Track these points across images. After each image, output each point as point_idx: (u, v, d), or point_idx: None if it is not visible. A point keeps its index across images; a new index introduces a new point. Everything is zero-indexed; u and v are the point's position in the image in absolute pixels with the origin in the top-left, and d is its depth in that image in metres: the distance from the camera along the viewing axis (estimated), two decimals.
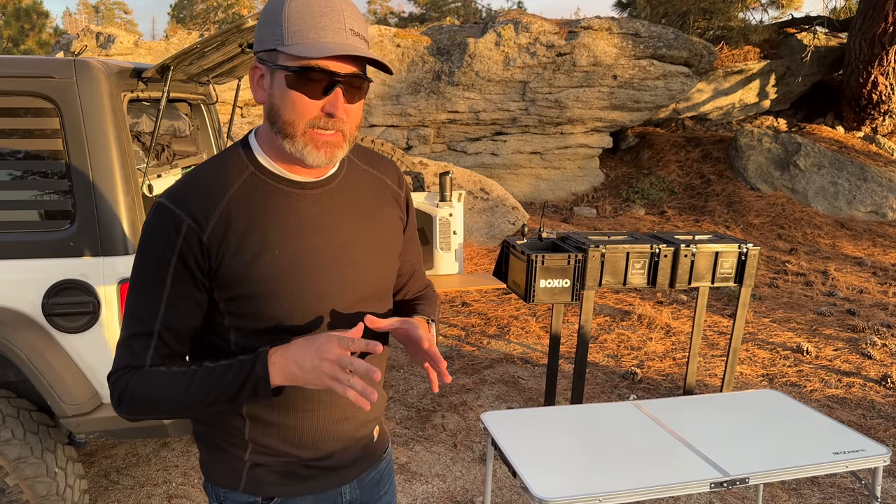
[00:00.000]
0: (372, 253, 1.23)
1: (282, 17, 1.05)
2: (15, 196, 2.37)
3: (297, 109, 1.07)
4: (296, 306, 1.14)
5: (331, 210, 1.18)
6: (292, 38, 1.04)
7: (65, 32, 25.94)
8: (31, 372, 2.29)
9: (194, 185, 1.11)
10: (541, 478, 1.94)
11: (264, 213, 1.13)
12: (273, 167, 1.15)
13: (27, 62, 2.34)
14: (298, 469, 1.24)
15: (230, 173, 1.13)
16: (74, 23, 50.07)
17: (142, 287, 1.11)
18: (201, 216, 1.09)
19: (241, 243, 1.11)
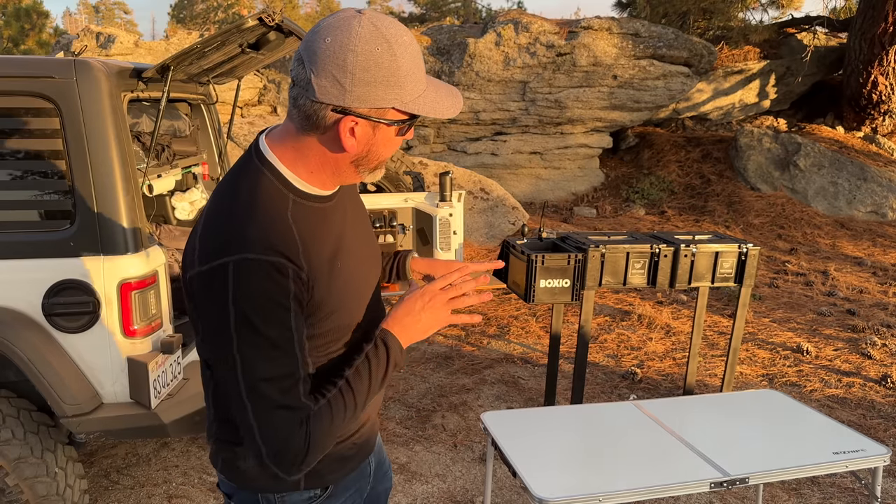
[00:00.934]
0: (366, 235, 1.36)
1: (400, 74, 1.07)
2: (15, 196, 2.37)
3: (394, 148, 1.17)
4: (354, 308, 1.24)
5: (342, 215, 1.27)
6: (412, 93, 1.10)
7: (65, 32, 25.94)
8: (32, 372, 2.29)
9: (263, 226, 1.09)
10: (541, 478, 1.94)
11: (315, 233, 1.17)
12: (307, 188, 1.18)
13: (27, 62, 2.34)
14: (346, 451, 1.32)
15: (279, 204, 1.13)
16: (74, 23, 50.08)
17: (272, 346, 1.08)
18: (294, 256, 1.10)
19: (319, 268, 1.15)
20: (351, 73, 1.05)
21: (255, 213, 1.10)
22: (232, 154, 7.48)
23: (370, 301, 1.30)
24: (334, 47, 1.05)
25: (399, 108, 1.10)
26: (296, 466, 1.11)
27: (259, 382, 1.08)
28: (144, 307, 2.43)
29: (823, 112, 12.12)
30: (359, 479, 1.41)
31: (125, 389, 2.45)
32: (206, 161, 3.72)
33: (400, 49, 1.06)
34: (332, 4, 41.47)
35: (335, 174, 1.18)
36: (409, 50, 1.08)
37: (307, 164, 1.16)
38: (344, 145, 1.11)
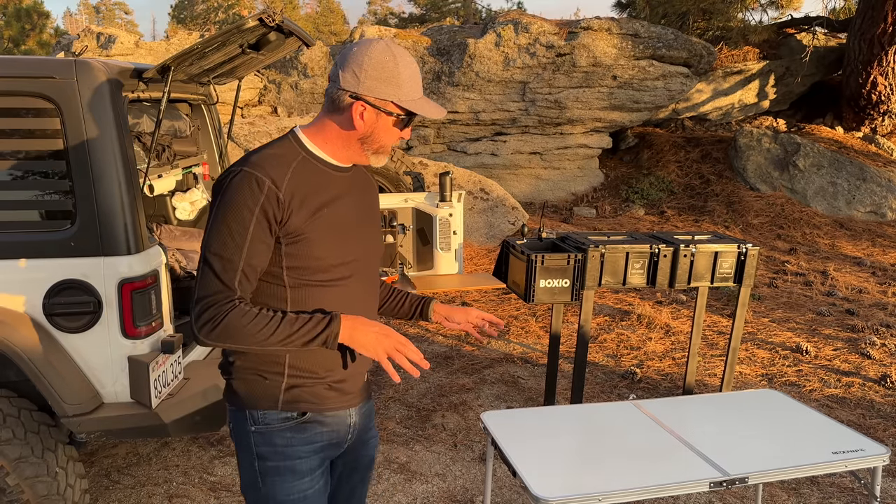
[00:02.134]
0: (372, 222, 1.69)
1: (400, 79, 1.49)
2: (16, 196, 2.37)
3: (393, 139, 1.56)
4: (334, 249, 1.55)
5: (353, 186, 1.64)
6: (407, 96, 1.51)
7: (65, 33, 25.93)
8: (32, 372, 2.29)
9: (267, 158, 1.49)
10: (541, 477, 1.94)
11: (315, 183, 1.54)
12: (319, 153, 1.57)
13: (28, 62, 2.34)
14: (323, 390, 1.59)
15: (289, 154, 1.53)
16: (75, 23, 50.07)
17: (228, 233, 1.45)
18: (278, 179, 1.47)
19: (303, 202, 1.50)
20: (365, 70, 1.48)
21: (266, 150, 1.52)
22: (232, 154, 7.48)
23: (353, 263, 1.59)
24: (358, 52, 1.49)
25: (397, 102, 1.50)
26: (203, 330, 1.45)
27: (210, 254, 1.46)
28: (145, 307, 2.44)
29: (823, 112, 12.12)
30: (336, 423, 1.64)
31: (126, 389, 2.45)
32: (207, 161, 3.73)
33: (403, 64, 1.50)
34: (332, 5, 41.47)
35: (345, 148, 1.56)
36: (410, 68, 1.51)
37: (325, 136, 1.56)
38: (354, 124, 1.51)
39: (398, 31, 9.81)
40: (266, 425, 1.56)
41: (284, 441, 1.56)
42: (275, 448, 1.56)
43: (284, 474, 1.56)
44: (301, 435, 1.57)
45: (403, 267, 4.12)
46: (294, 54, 9.22)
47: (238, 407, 1.59)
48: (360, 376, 1.68)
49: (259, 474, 1.57)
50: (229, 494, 3.10)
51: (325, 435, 1.61)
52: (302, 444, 1.57)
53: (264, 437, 1.56)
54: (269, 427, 1.56)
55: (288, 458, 1.56)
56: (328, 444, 1.63)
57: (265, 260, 1.49)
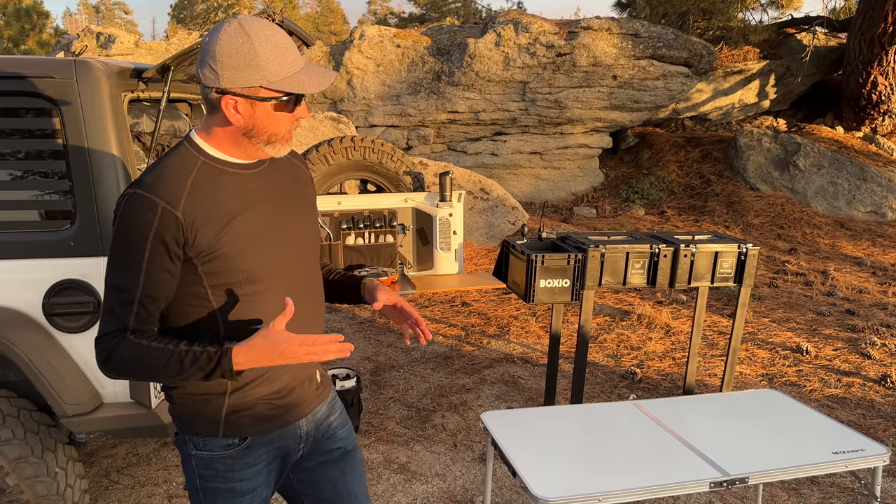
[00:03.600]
0: (301, 214, 1.57)
1: (258, 60, 1.33)
2: (15, 196, 2.37)
3: (283, 124, 1.41)
4: (259, 257, 1.44)
5: (267, 184, 1.50)
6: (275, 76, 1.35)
7: (65, 33, 25.94)
8: (32, 372, 2.29)
9: (160, 174, 1.37)
10: (541, 477, 1.94)
11: (221, 190, 1.42)
12: (221, 155, 1.44)
13: (28, 62, 2.34)
14: (267, 410, 1.52)
15: (188, 164, 1.41)
16: (75, 23, 50.09)
17: (122, 263, 1.35)
18: (174, 199, 1.35)
19: (210, 215, 1.39)
20: (219, 61, 1.34)
21: (162, 164, 1.40)
22: None
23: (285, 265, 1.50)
24: (208, 43, 1.35)
25: (266, 86, 1.35)
26: (101, 362, 1.37)
27: (109, 286, 1.37)
28: None
29: (823, 112, 12.12)
30: (283, 438, 1.57)
31: (125, 389, 2.45)
32: None
33: (259, 40, 1.33)
34: (332, 5, 41.48)
35: (236, 145, 1.44)
36: (271, 42, 1.34)
37: (215, 138, 1.43)
38: (230, 119, 1.38)
39: (398, 30, 9.81)
40: (208, 451, 1.51)
41: (225, 467, 1.51)
42: (215, 472, 1.51)
43: (225, 494, 1.52)
44: (243, 460, 1.52)
45: (403, 267, 4.12)
46: None
47: (179, 429, 1.53)
48: (306, 383, 1.60)
49: (200, 491, 1.54)
50: None
51: (271, 453, 1.56)
52: (243, 467, 1.52)
53: (205, 462, 1.51)
54: (211, 453, 1.51)
55: (228, 480, 1.52)
56: (273, 459, 1.58)
57: (169, 287, 1.39)
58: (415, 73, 9.55)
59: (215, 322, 1.44)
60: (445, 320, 5.57)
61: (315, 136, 7.84)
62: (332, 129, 8.02)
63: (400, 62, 9.54)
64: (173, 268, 1.37)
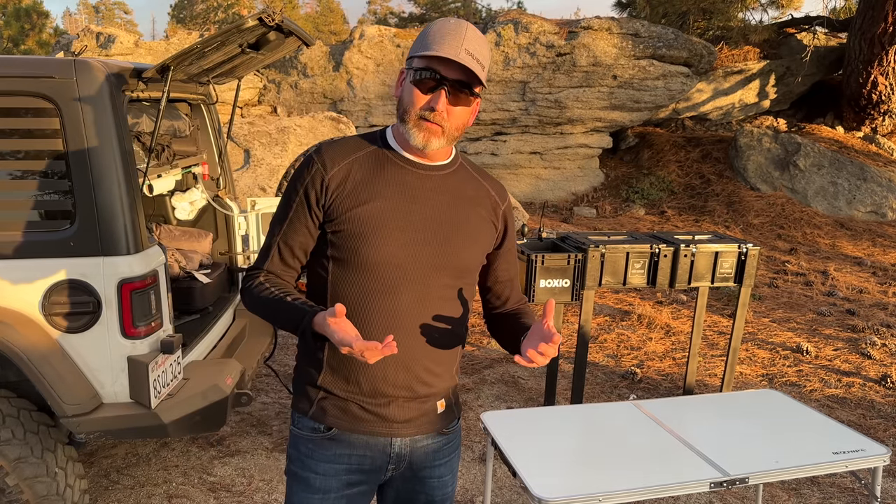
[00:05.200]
0: (455, 235, 1.48)
1: (427, 36, 1.38)
2: (15, 196, 2.37)
3: (412, 99, 1.39)
4: (381, 250, 1.42)
5: (433, 190, 1.47)
6: (424, 48, 1.36)
7: (65, 32, 25.93)
8: (32, 372, 2.29)
9: (336, 144, 1.48)
10: (541, 478, 1.94)
11: (380, 174, 1.45)
12: (397, 147, 1.48)
13: (27, 62, 2.34)
14: (356, 409, 1.49)
15: (363, 144, 1.49)
16: (74, 23, 50.09)
17: (279, 209, 1.49)
18: (329, 163, 1.44)
19: (354, 190, 1.43)
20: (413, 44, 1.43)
21: (342, 139, 1.50)
22: (232, 154, 7.48)
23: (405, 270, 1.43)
24: None
25: (414, 54, 1.39)
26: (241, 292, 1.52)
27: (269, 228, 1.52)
28: (144, 307, 2.43)
29: (823, 112, 12.12)
30: (369, 449, 1.51)
31: (125, 389, 2.45)
32: (206, 161, 3.72)
33: (437, 24, 1.39)
34: (332, 4, 41.47)
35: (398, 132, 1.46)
36: (447, 26, 1.37)
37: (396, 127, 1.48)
38: (395, 91, 1.45)
39: (398, 30, 9.80)
40: (298, 429, 1.54)
41: (307, 451, 1.52)
42: (298, 453, 1.53)
43: (299, 482, 1.52)
44: (323, 451, 1.50)
45: None
46: (294, 54, 9.22)
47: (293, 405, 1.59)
48: (412, 402, 1.50)
49: (287, 474, 1.57)
50: (229, 495, 3.10)
51: (354, 459, 1.51)
52: (322, 460, 1.50)
53: (295, 440, 1.55)
54: (300, 432, 1.53)
55: (305, 468, 1.52)
56: (356, 469, 1.51)
57: (304, 242, 1.48)
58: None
59: (325, 293, 1.48)
60: None
61: (315, 136, 7.84)
62: (332, 129, 8.01)
63: (400, 62, 9.53)
64: (311, 225, 1.46)
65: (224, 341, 3.32)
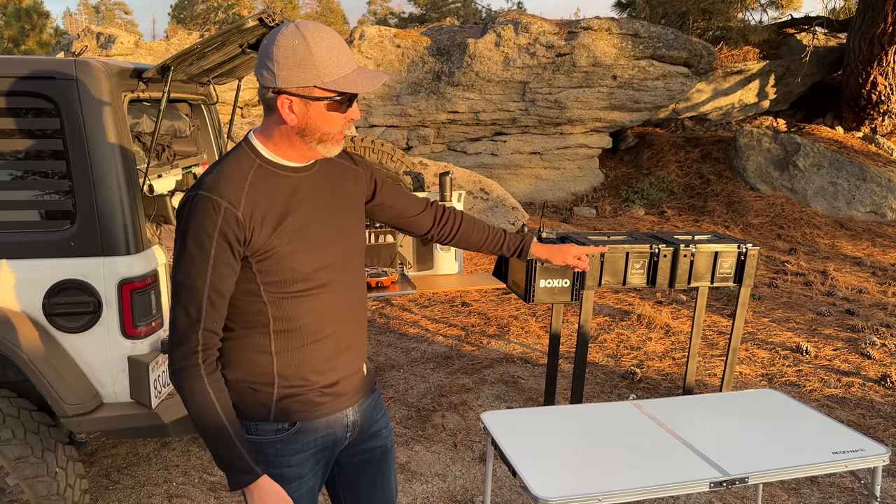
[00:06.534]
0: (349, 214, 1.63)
1: (313, 61, 1.38)
2: (15, 196, 2.37)
3: (335, 124, 1.46)
4: (309, 257, 1.51)
5: (318, 186, 1.57)
6: (329, 77, 1.40)
7: (65, 33, 25.93)
8: (32, 372, 2.29)
9: (219, 175, 1.44)
10: (540, 477, 1.94)
11: (275, 191, 1.49)
12: (273, 157, 1.50)
13: (28, 62, 2.34)
14: (315, 397, 1.58)
15: (244, 166, 1.48)
16: (75, 23, 50.08)
17: (190, 261, 1.41)
18: (233, 199, 1.42)
19: (265, 216, 1.46)
20: (277, 62, 1.39)
21: (221, 166, 1.47)
22: None
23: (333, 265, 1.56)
24: (266, 46, 1.41)
25: (320, 86, 1.40)
26: (169, 371, 1.46)
27: (176, 284, 1.43)
28: (145, 307, 2.44)
29: (823, 112, 12.12)
30: (331, 426, 1.64)
31: (125, 389, 2.45)
32: (207, 161, 3.73)
33: (315, 42, 1.38)
34: (332, 5, 41.47)
35: (291, 146, 1.49)
36: (326, 43, 1.40)
37: (272, 139, 1.50)
38: (285, 118, 1.43)
39: (398, 31, 9.81)
40: (258, 436, 1.57)
41: (274, 451, 1.57)
42: (265, 456, 1.57)
43: (275, 479, 1.57)
44: (292, 445, 1.58)
45: (403, 267, 4.12)
46: None
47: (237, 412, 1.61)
48: (355, 375, 1.67)
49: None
50: (229, 495, 3.10)
51: (319, 440, 1.62)
52: (292, 452, 1.58)
53: (256, 446, 1.57)
54: (261, 437, 1.57)
55: (277, 466, 1.58)
56: (322, 448, 1.63)
57: (231, 283, 1.46)
58: (415, 73, 9.55)
59: (265, 317, 1.51)
60: (445, 320, 5.57)
61: None
62: None
63: (400, 62, 9.54)
64: (235, 265, 1.45)
65: None
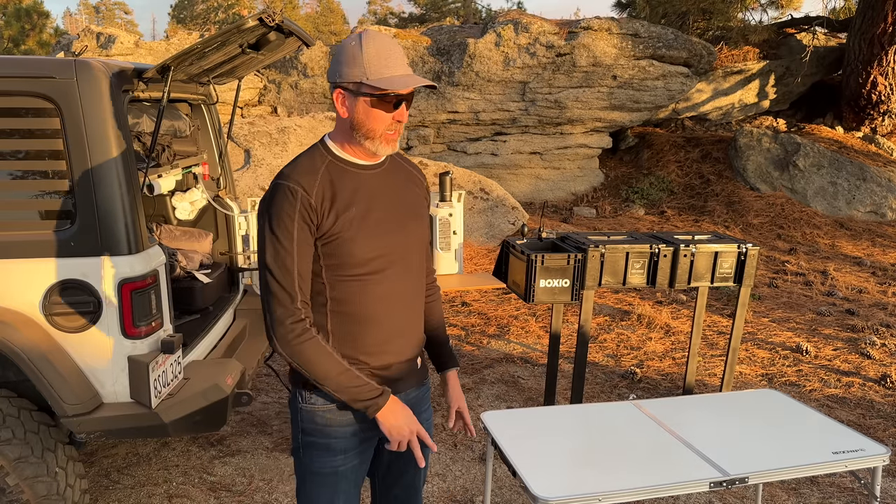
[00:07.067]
0: (410, 213, 1.77)
1: (362, 59, 1.56)
2: (16, 196, 2.37)
3: (379, 121, 1.60)
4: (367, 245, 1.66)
5: (382, 183, 1.72)
6: (374, 75, 1.56)
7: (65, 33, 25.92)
8: (32, 372, 2.29)
9: (297, 169, 1.62)
10: (540, 477, 1.94)
11: (343, 184, 1.65)
12: (344, 156, 1.68)
13: (28, 62, 2.34)
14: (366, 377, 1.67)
15: (317, 161, 1.65)
16: (75, 23, 50.06)
17: (278, 243, 1.58)
18: (308, 187, 1.60)
19: (332, 205, 1.62)
20: (338, 59, 1.60)
21: (297, 163, 1.65)
22: (232, 154, 7.48)
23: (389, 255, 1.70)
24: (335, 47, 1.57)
25: (364, 81, 1.56)
26: (281, 343, 1.60)
27: (268, 268, 1.59)
28: (145, 307, 2.44)
29: (823, 112, 12.12)
30: None
31: (125, 389, 2.45)
32: (207, 161, 3.73)
33: (367, 44, 1.57)
34: (332, 5, 41.46)
35: (349, 141, 1.66)
36: (376, 47, 1.57)
37: (338, 137, 1.68)
38: (338, 110, 1.63)
39: (398, 30, 9.81)
40: (311, 405, 1.71)
41: (325, 421, 1.72)
42: (315, 425, 1.72)
43: (320, 449, 1.73)
44: (340, 417, 1.71)
45: None
46: (294, 54, 9.22)
47: (294, 384, 1.76)
48: (406, 363, 1.79)
49: (301, 445, 1.75)
50: (229, 494, 3.10)
51: (366, 421, 1.73)
52: (340, 425, 1.72)
53: (308, 415, 1.72)
54: (314, 406, 1.71)
55: (326, 436, 1.72)
56: (367, 427, 1.75)
57: (310, 263, 1.63)
58: (415, 73, 9.55)
59: (324, 297, 1.66)
60: (445, 320, 5.57)
61: (315, 136, 7.84)
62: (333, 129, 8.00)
63: None
64: (311, 244, 1.62)
65: (224, 341, 3.32)
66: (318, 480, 1.75)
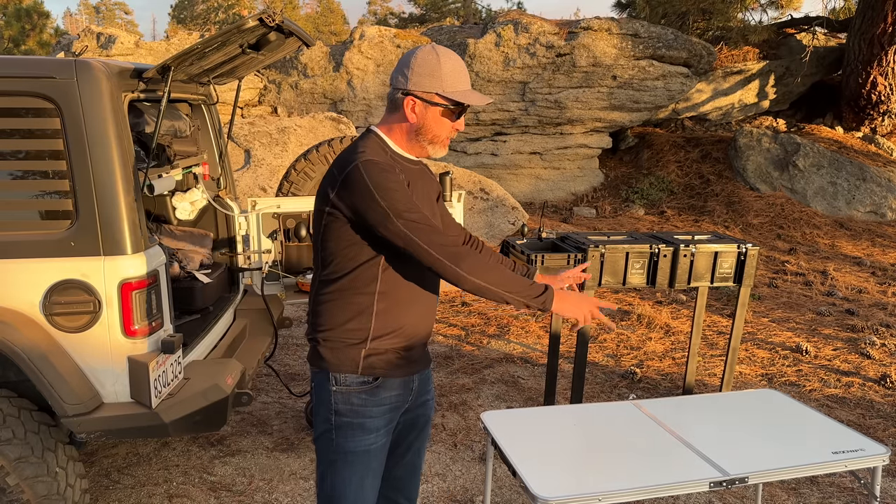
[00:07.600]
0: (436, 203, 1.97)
1: (440, 73, 1.74)
2: (16, 196, 2.37)
3: (444, 129, 1.81)
4: None
5: (420, 179, 1.89)
6: (450, 88, 1.75)
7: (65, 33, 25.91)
8: (32, 372, 2.29)
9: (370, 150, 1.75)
10: (541, 477, 1.94)
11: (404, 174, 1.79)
12: (395, 147, 1.84)
13: (28, 62, 2.34)
14: (395, 358, 1.85)
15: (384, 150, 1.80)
16: (75, 23, 50.05)
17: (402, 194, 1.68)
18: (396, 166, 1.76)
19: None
20: (411, 69, 1.75)
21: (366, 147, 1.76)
22: (232, 154, 7.48)
23: None
24: (406, 56, 1.77)
25: (440, 93, 1.74)
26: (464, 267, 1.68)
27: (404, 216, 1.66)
28: (145, 307, 2.44)
29: (823, 112, 12.13)
30: (403, 386, 1.89)
31: (126, 389, 2.45)
32: (207, 161, 3.73)
33: (444, 60, 1.75)
34: (332, 5, 41.46)
35: (408, 141, 1.82)
36: (452, 63, 1.75)
37: (392, 133, 1.83)
38: (407, 116, 1.77)
39: (398, 31, 9.81)
40: (346, 386, 1.81)
41: (360, 401, 1.82)
42: (351, 406, 1.82)
43: (356, 429, 1.82)
44: (373, 397, 1.83)
45: None
46: (294, 54, 9.22)
47: (322, 369, 1.84)
48: (421, 346, 1.93)
49: (333, 427, 1.83)
50: (229, 494, 3.10)
51: (393, 398, 1.87)
52: (373, 405, 1.83)
53: (343, 396, 1.82)
54: (349, 388, 1.81)
55: (360, 416, 1.82)
56: (394, 406, 1.88)
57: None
58: None
59: (376, 281, 1.77)
60: (445, 320, 5.57)
61: (315, 136, 7.84)
62: (332, 130, 8.02)
63: None
64: None
65: (225, 341, 3.32)
66: (350, 460, 1.83)
